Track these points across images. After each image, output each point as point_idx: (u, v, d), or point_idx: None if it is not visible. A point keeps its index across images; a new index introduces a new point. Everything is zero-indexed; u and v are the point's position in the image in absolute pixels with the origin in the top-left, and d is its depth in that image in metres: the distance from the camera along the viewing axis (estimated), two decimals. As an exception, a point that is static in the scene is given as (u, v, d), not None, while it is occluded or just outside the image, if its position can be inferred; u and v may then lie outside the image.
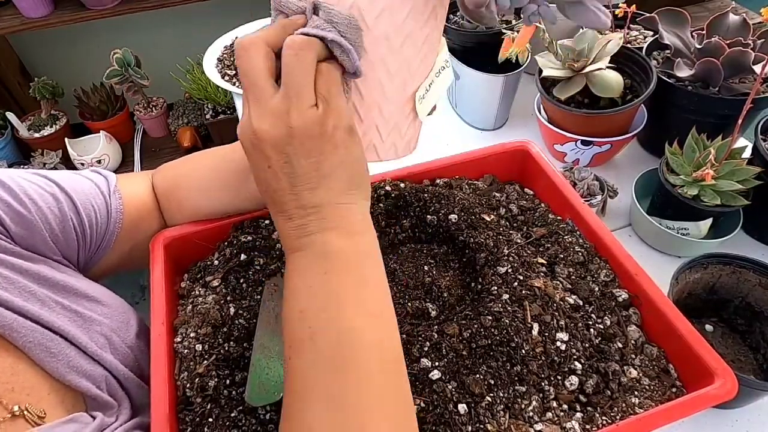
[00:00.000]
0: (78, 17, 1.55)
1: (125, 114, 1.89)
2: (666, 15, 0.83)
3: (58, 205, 0.51)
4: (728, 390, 0.43)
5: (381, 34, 0.36)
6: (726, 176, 0.67)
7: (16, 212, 0.48)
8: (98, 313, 0.51)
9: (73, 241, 0.52)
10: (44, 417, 0.42)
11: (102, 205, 0.55)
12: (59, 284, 0.49)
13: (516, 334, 0.47)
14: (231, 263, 0.58)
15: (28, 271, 0.47)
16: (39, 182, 0.51)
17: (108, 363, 0.48)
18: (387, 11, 0.35)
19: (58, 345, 0.45)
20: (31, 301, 0.46)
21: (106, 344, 0.49)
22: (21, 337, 0.43)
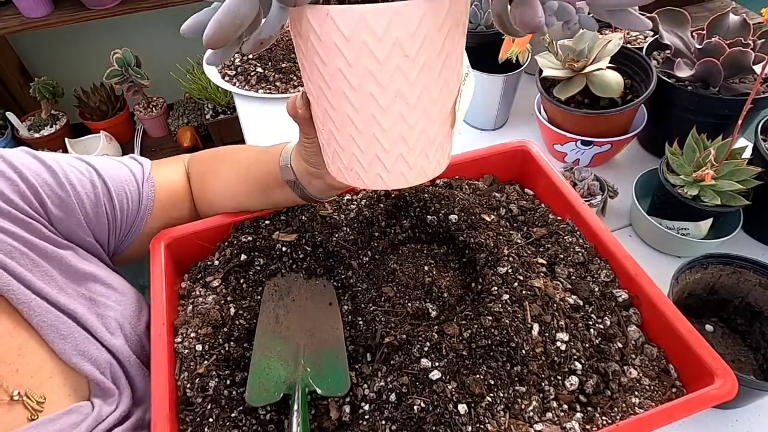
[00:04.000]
0: (78, 17, 1.55)
1: (125, 114, 1.89)
2: (666, 15, 0.83)
3: (95, 191, 0.54)
4: (728, 390, 0.43)
5: (422, 64, 0.35)
6: (726, 176, 0.67)
7: (58, 196, 0.51)
8: (113, 300, 0.53)
9: (105, 225, 0.56)
10: (44, 402, 0.44)
11: (135, 192, 0.58)
12: (79, 271, 0.52)
13: (516, 334, 0.47)
14: (231, 263, 0.58)
15: (53, 257, 0.50)
16: (80, 167, 0.55)
17: (116, 348, 0.50)
18: (427, 41, 0.34)
19: (69, 328, 0.47)
20: (51, 285, 0.48)
21: (118, 329, 0.52)
22: (36, 316, 0.46)
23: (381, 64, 0.34)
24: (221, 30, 0.31)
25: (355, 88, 0.36)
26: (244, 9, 0.31)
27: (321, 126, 0.41)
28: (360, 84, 0.35)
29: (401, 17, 0.33)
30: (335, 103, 0.37)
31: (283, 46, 1.14)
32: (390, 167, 0.40)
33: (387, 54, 0.34)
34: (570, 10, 0.32)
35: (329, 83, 0.37)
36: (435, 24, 0.34)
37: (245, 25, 0.32)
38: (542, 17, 0.31)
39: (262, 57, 1.12)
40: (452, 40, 0.36)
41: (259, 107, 1.05)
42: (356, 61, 0.34)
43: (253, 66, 1.11)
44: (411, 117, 0.37)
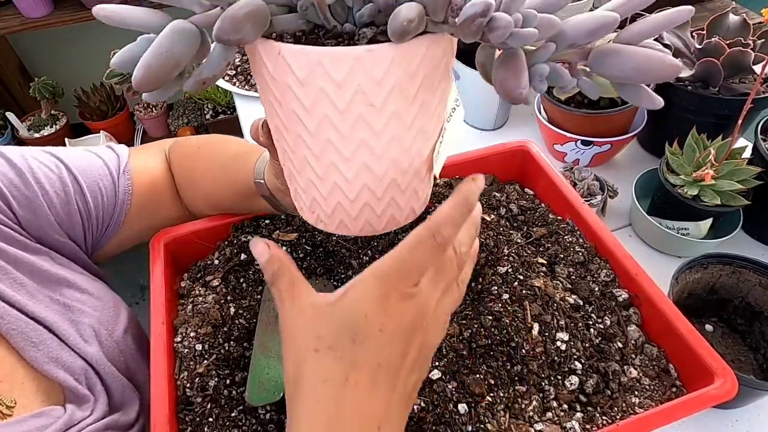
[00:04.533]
0: (78, 17, 1.55)
1: (125, 114, 1.89)
2: (666, 15, 0.82)
3: (64, 188, 0.51)
4: (728, 390, 0.43)
5: (391, 113, 0.31)
6: (726, 176, 0.67)
7: (24, 196, 0.48)
8: (88, 305, 0.51)
9: (78, 224, 0.53)
10: (13, 407, 0.42)
11: (110, 187, 0.55)
12: (53, 277, 0.50)
13: (516, 334, 0.47)
14: (231, 263, 0.58)
15: (23, 262, 0.48)
16: (48, 162, 0.51)
17: (91, 356, 0.48)
18: (396, 89, 0.30)
19: (41, 335, 0.46)
20: (21, 293, 0.46)
21: (93, 336, 0.49)
22: (5, 324, 0.44)
23: (341, 112, 0.30)
24: (151, 72, 0.27)
25: (313, 133, 0.31)
26: (177, 49, 0.27)
27: (282, 161, 0.37)
28: (318, 130, 0.31)
29: (364, 65, 0.28)
30: (293, 145, 0.33)
31: (283, 46, 1.14)
32: (355, 215, 0.35)
33: (348, 102, 0.29)
34: (564, 74, 0.28)
35: (286, 124, 0.32)
36: (406, 71, 0.29)
37: (181, 66, 0.28)
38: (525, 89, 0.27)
39: (262, 57, 1.12)
40: (429, 86, 0.31)
41: (259, 107, 1.05)
42: (313, 107, 0.30)
43: (253, 66, 1.11)
44: (378, 168, 0.32)
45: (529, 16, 0.26)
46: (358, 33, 0.30)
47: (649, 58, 0.26)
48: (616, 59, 0.26)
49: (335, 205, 0.35)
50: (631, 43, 0.27)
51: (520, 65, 0.27)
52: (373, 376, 0.30)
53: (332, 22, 0.30)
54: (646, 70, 0.26)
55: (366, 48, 0.28)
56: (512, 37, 0.25)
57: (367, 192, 0.34)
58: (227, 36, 0.27)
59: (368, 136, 0.31)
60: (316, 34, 0.31)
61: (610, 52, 0.27)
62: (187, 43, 0.27)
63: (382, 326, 0.30)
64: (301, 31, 0.31)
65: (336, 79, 0.29)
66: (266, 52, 0.30)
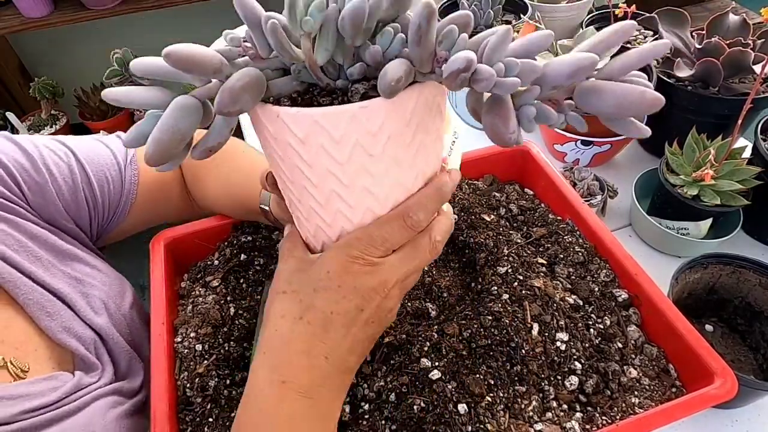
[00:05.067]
0: (78, 17, 1.55)
1: (125, 114, 1.89)
2: (666, 15, 0.83)
3: (72, 177, 0.53)
4: (728, 390, 0.43)
5: (390, 159, 0.32)
6: (726, 176, 0.67)
7: (34, 181, 0.51)
8: (97, 280, 0.54)
9: (85, 211, 0.55)
10: (27, 371, 0.45)
11: (116, 177, 0.56)
12: (64, 251, 0.52)
13: (516, 334, 0.47)
14: (231, 263, 0.58)
15: (38, 237, 0.50)
16: (57, 150, 0.54)
17: (100, 326, 0.50)
18: (393, 137, 0.31)
19: (55, 306, 0.48)
20: (36, 264, 0.49)
21: (103, 308, 0.52)
22: (22, 294, 0.47)
23: (342, 164, 0.31)
24: (161, 147, 0.28)
25: (317, 185, 0.33)
26: (183, 124, 0.29)
27: (290, 208, 0.39)
28: (321, 182, 0.33)
29: (359, 120, 0.30)
30: (298, 195, 0.35)
31: (283, 46, 1.14)
32: None
33: (348, 155, 0.31)
34: (550, 114, 0.28)
35: (290, 177, 0.34)
36: (401, 120, 0.31)
37: (187, 138, 0.30)
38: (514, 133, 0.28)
39: (262, 57, 1.12)
40: (424, 128, 0.33)
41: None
42: (314, 162, 0.31)
43: (253, 66, 1.11)
44: (381, 210, 0.35)
45: (510, 64, 0.27)
46: (351, 89, 0.31)
47: (628, 94, 0.26)
48: (598, 97, 0.27)
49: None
50: (613, 78, 0.28)
51: (507, 110, 0.28)
52: (325, 319, 0.34)
53: (325, 81, 0.32)
54: (628, 106, 0.26)
55: (359, 105, 0.29)
56: (497, 87, 0.26)
57: None
58: (227, 108, 0.28)
59: (370, 183, 0.33)
60: (311, 93, 0.33)
61: (592, 90, 0.27)
62: (190, 117, 0.29)
63: (341, 283, 0.34)
64: (296, 92, 0.33)
65: (334, 136, 0.30)
66: (265, 115, 0.31)
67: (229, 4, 0.31)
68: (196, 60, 0.28)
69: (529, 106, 0.28)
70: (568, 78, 0.27)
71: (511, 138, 0.28)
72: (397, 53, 0.30)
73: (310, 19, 0.28)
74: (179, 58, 0.27)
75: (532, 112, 0.28)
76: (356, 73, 0.31)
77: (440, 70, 0.28)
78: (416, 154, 0.33)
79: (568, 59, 0.26)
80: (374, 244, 0.34)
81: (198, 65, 0.28)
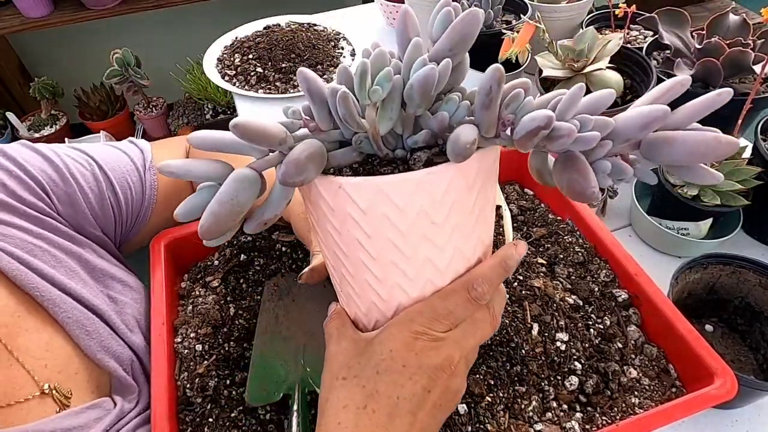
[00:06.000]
0: (78, 17, 1.56)
1: (125, 114, 1.89)
2: (666, 15, 0.83)
3: (98, 184, 0.53)
4: (728, 390, 0.43)
5: (453, 227, 0.32)
6: (726, 176, 0.67)
7: (63, 191, 0.50)
8: (129, 297, 0.53)
9: (111, 218, 0.55)
10: (70, 397, 0.44)
11: (137, 182, 0.57)
12: (97, 268, 0.51)
13: (516, 334, 0.47)
14: (231, 263, 0.58)
15: (74, 253, 0.50)
16: (79, 159, 0.53)
17: (136, 345, 0.50)
18: (457, 203, 0.31)
19: (94, 324, 0.47)
20: (75, 281, 0.48)
21: (137, 326, 0.52)
22: (62, 313, 0.45)
23: (404, 234, 0.31)
24: (218, 221, 0.28)
25: (376, 258, 0.32)
26: (243, 196, 0.28)
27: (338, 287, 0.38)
28: (381, 254, 0.32)
29: (425, 187, 0.29)
30: (353, 270, 0.34)
31: (283, 46, 1.14)
32: None
33: (411, 224, 0.30)
34: (625, 168, 0.28)
35: (346, 252, 0.33)
36: (465, 185, 0.30)
37: (245, 211, 0.29)
38: (595, 187, 0.27)
39: (262, 57, 1.12)
40: (485, 194, 0.32)
41: (259, 107, 1.05)
42: (376, 233, 0.31)
43: (253, 66, 1.11)
44: (441, 281, 0.33)
45: (584, 121, 0.27)
46: (413, 157, 0.31)
47: (702, 142, 0.26)
48: (669, 148, 0.27)
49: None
50: (680, 128, 0.27)
51: (584, 166, 0.27)
52: (391, 406, 0.32)
53: (385, 150, 0.32)
54: (703, 153, 0.26)
55: (426, 171, 0.30)
56: (576, 143, 0.26)
57: None
58: (292, 179, 0.28)
59: (432, 253, 0.32)
60: (371, 163, 0.33)
61: (662, 142, 0.27)
62: (250, 189, 0.29)
63: (405, 363, 0.32)
64: (356, 162, 0.33)
65: (399, 204, 0.30)
66: (325, 187, 0.31)
67: (229, 4, 0.31)
68: (264, 132, 0.28)
69: (604, 161, 0.28)
70: (641, 131, 0.26)
71: (594, 192, 0.27)
72: (461, 119, 0.30)
73: (379, 88, 0.28)
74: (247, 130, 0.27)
75: (607, 166, 0.27)
76: (421, 140, 0.31)
77: (505, 134, 0.28)
78: (476, 221, 0.33)
79: (639, 112, 0.26)
80: (438, 318, 0.33)
81: (265, 137, 0.28)
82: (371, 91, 0.28)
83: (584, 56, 0.80)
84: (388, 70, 0.28)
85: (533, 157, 0.31)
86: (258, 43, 1.15)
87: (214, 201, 0.28)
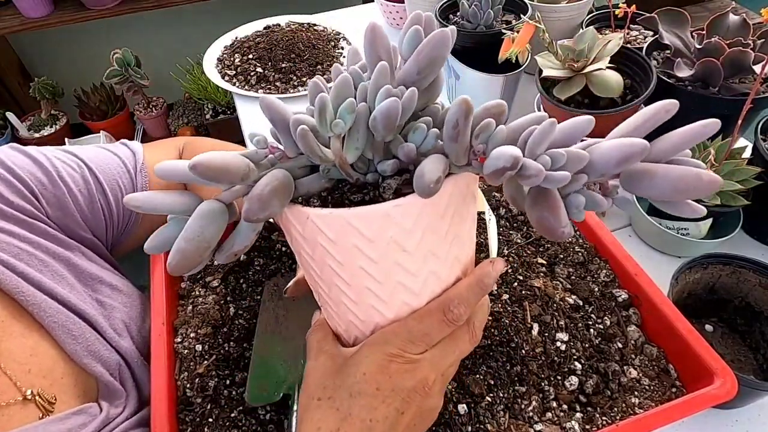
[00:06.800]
0: (78, 17, 1.56)
1: (125, 114, 1.89)
2: (666, 15, 0.83)
3: (87, 187, 0.53)
4: (728, 390, 0.43)
5: (426, 253, 0.31)
6: (726, 176, 0.67)
7: (52, 194, 0.50)
8: (119, 301, 0.53)
9: (101, 220, 0.54)
10: (54, 403, 0.43)
11: (128, 184, 0.56)
12: (85, 272, 0.51)
13: (516, 334, 0.47)
14: (231, 263, 0.58)
15: (62, 257, 0.49)
16: (69, 162, 0.53)
17: (124, 349, 0.49)
18: (428, 231, 0.30)
19: (80, 328, 0.47)
20: (62, 285, 0.47)
21: (125, 330, 0.51)
22: (47, 317, 0.45)
23: (376, 262, 0.30)
24: (186, 257, 0.28)
25: (349, 283, 0.32)
26: (209, 231, 0.28)
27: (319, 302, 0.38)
28: (354, 280, 0.32)
29: (393, 219, 0.29)
30: (329, 292, 0.34)
31: (283, 46, 1.14)
32: None
33: (381, 253, 0.30)
34: (600, 201, 0.26)
35: (320, 274, 0.33)
36: (436, 214, 0.30)
37: (212, 246, 0.29)
38: (566, 226, 0.26)
39: (262, 57, 1.12)
40: (459, 218, 0.31)
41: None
42: (347, 261, 0.31)
43: (253, 66, 1.11)
44: (417, 302, 0.33)
45: (556, 156, 0.25)
46: (383, 185, 0.30)
47: (684, 178, 0.24)
48: (651, 182, 0.25)
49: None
50: (661, 160, 0.26)
51: (555, 202, 0.26)
52: (364, 429, 0.31)
53: (355, 176, 0.31)
54: (684, 190, 0.24)
55: (394, 204, 0.29)
56: (546, 181, 0.25)
57: None
58: (256, 216, 0.28)
59: (405, 278, 0.32)
60: (341, 189, 0.32)
61: (643, 175, 0.25)
62: (216, 224, 0.28)
63: (378, 386, 0.32)
64: (325, 189, 0.32)
65: (367, 235, 0.29)
66: (294, 216, 0.30)
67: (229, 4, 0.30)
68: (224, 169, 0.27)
69: (577, 194, 0.26)
70: (617, 166, 0.25)
71: (564, 231, 0.26)
72: (431, 148, 0.29)
73: (341, 121, 0.27)
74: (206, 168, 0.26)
75: (581, 201, 0.26)
76: (389, 170, 0.30)
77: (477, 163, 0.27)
78: (452, 244, 0.32)
79: (616, 145, 0.25)
80: (413, 340, 0.32)
81: (226, 174, 0.27)
82: (333, 124, 0.27)
83: (584, 56, 0.80)
84: (350, 102, 0.27)
85: (507, 185, 0.30)
86: (258, 43, 1.15)
87: (180, 238, 0.28)
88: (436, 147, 0.29)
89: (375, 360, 0.32)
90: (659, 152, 0.26)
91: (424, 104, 0.31)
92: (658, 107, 0.26)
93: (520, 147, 0.26)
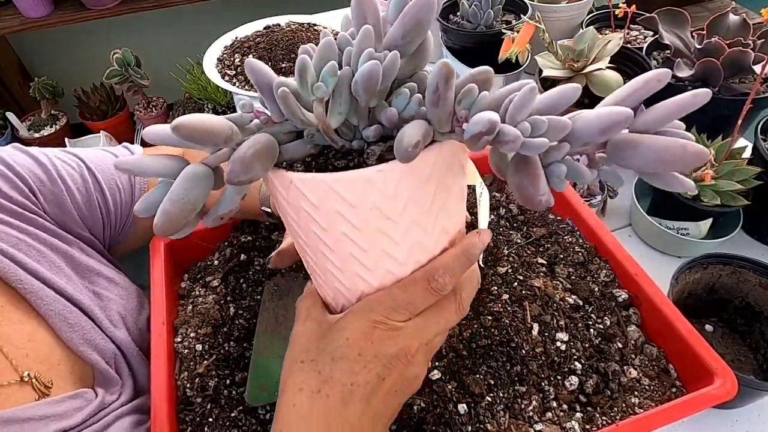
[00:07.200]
0: (78, 17, 1.56)
1: (125, 114, 1.89)
2: (666, 15, 0.83)
3: (85, 185, 0.54)
4: (728, 390, 0.43)
5: (410, 222, 0.31)
6: (726, 176, 0.67)
7: (50, 191, 0.51)
8: (115, 293, 0.54)
9: (98, 219, 0.55)
10: (50, 387, 0.44)
11: (127, 185, 0.57)
12: (82, 265, 0.52)
13: (516, 334, 0.47)
14: (231, 263, 0.58)
15: (59, 249, 0.50)
16: (69, 161, 0.54)
17: (120, 340, 0.50)
18: (411, 199, 0.30)
19: (77, 317, 0.48)
20: (59, 275, 0.49)
21: (121, 321, 0.52)
22: (44, 305, 0.46)
23: (358, 229, 0.30)
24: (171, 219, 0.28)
25: (334, 249, 0.32)
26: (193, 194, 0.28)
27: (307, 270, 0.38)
28: (338, 246, 0.32)
29: (375, 184, 0.28)
30: (315, 258, 0.34)
31: (283, 46, 1.14)
32: None
33: (364, 220, 0.30)
34: (583, 172, 0.26)
35: (306, 241, 0.33)
36: (419, 182, 0.30)
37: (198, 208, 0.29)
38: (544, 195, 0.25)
39: (262, 57, 1.12)
40: (444, 188, 0.31)
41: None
42: (330, 227, 0.31)
43: (253, 66, 1.11)
44: (402, 272, 0.33)
45: (536, 123, 0.25)
46: (367, 151, 0.30)
47: (669, 149, 0.24)
48: (634, 152, 0.24)
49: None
50: (649, 130, 0.25)
51: (535, 171, 0.25)
52: (345, 392, 0.32)
53: (340, 143, 0.31)
54: (670, 161, 0.24)
55: (376, 169, 0.28)
56: (523, 148, 0.24)
57: None
58: (238, 178, 0.28)
59: (389, 247, 0.32)
60: (326, 156, 0.32)
61: (628, 145, 0.25)
62: (201, 187, 0.28)
63: (361, 351, 0.32)
64: (310, 155, 0.32)
65: (350, 200, 0.29)
66: (279, 181, 0.30)
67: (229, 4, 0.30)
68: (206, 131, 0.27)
69: (559, 164, 0.26)
70: (600, 134, 0.24)
71: (542, 200, 0.25)
72: (414, 113, 0.29)
73: (323, 85, 0.27)
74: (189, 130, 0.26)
75: (563, 170, 0.25)
76: (372, 135, 0.30)
77: (461, 130, 0.26)
78: (437, 214, 0.32)
79: (598, 113, 0.24)
80: (397, 308, 0.32)
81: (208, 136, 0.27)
82: (315, 87, 0.27)
83: (584, 56, 0.80)
84: (332, 65, 0.27)
85: (492, 154, 0.29)
86: (258, 43, 1.15)
87: (165, 200, 0.28)
88: (419, 113, 0.29)
89: (359, 326, 0.32)
90: (647, 122, 0.25)
91: (411, 71, 0.30)
92: (649, 76, 0.25)
93: (501, 114, 0.25)
